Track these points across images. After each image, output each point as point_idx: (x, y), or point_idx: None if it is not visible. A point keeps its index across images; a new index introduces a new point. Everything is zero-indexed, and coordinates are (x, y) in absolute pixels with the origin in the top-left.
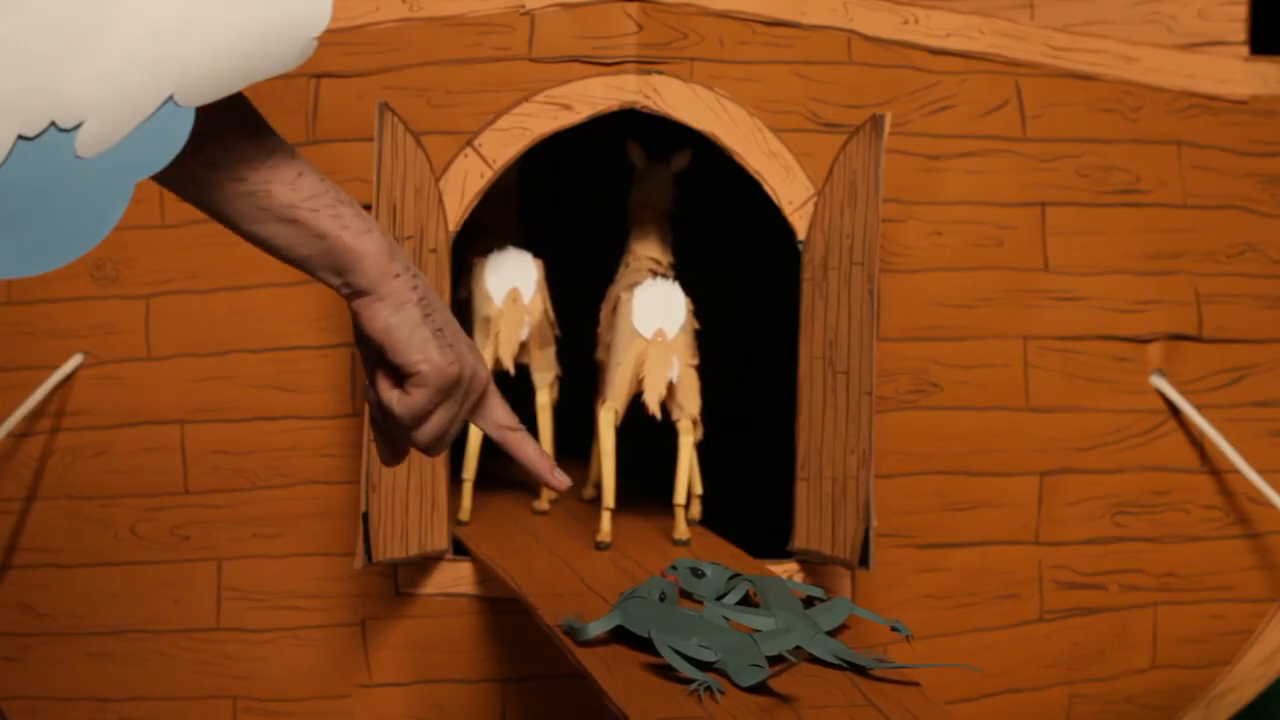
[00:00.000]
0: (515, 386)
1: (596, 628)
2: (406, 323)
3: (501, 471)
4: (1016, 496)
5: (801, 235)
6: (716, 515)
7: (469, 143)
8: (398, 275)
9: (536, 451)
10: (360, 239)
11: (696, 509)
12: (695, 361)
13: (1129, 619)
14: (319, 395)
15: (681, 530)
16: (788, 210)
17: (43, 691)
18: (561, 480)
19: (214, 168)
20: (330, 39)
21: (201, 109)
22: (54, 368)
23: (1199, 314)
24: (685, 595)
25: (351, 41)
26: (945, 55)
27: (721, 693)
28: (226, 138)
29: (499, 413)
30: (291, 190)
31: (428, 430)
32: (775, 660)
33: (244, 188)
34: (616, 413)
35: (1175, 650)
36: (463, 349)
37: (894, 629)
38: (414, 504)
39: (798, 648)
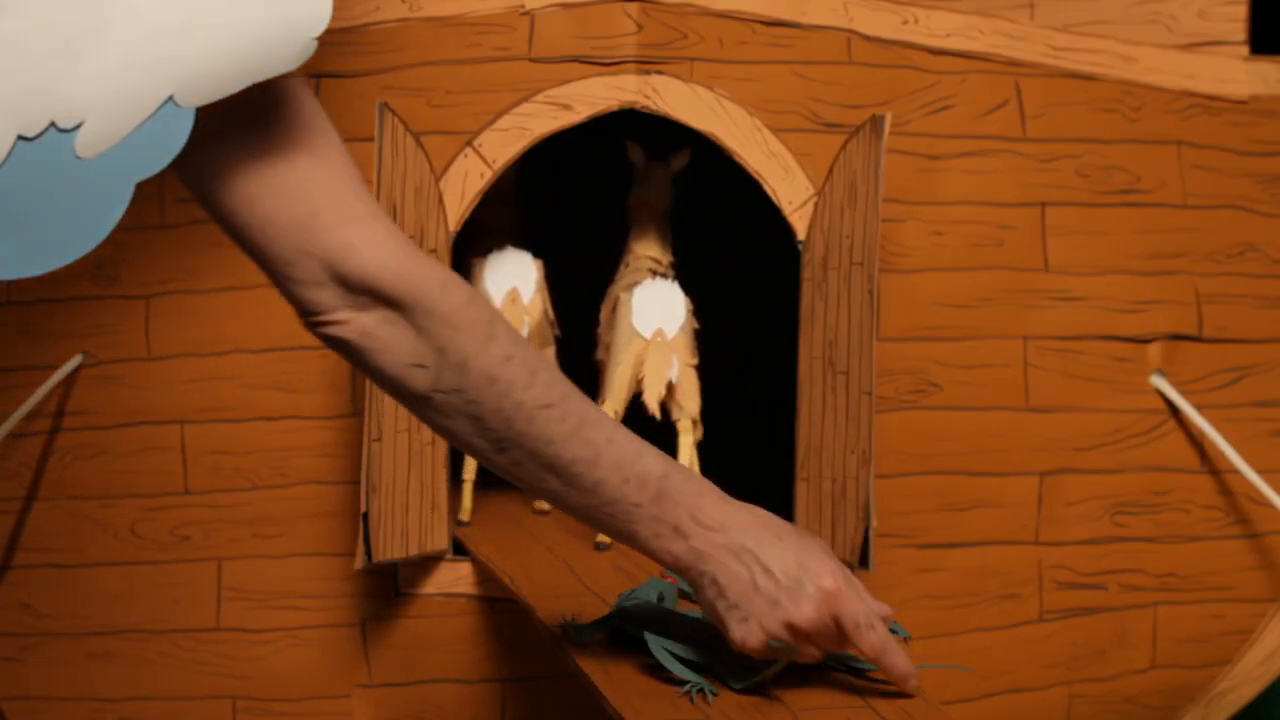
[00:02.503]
0: None
1: (593, 629)
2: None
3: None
4: (1016, 496)
5: (801, 235)
6: None
7: (469, 143)
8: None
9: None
10: (650, 543)
11: None
12: (695, 361)
13: (1129, 619)
14: (319, 395)
15: None
16: (787, 210)
17: (43, 691)
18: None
19: (520, 467)
20: (330, 39)
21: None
22: (54, 368)
23: (1199, 314)
24: (684, 596)
25: (351, 41)
26: (945, 55)
27: (714, 694)
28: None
29: (853, 623)
30: (589, 496)
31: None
32: (769, 662)
33: (547, 486)
34: (616, 413)
35: (1175, 650)
36: (760, 619)
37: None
38: (414, 504)
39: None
